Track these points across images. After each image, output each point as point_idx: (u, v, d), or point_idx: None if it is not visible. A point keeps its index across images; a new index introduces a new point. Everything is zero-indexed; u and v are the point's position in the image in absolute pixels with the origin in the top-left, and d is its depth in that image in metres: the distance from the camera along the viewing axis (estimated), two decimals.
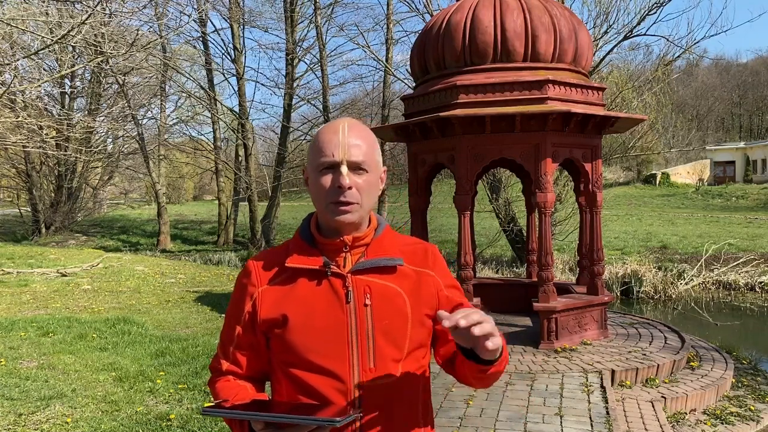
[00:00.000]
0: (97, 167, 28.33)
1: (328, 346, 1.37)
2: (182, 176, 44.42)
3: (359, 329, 1.38)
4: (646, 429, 4.63)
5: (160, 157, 26.61)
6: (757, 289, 13.15)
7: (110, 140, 28.05)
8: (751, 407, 5.55)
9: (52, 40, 11.78)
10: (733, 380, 6.22)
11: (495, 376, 1.37)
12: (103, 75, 22.88)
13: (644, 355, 6.14)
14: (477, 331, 1.17)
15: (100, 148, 26.23)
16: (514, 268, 14.78)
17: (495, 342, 1.21)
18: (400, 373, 1.40)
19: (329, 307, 1.38)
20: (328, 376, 1.36)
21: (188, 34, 24.73)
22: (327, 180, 1.36)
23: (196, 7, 21.99)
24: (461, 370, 1.43)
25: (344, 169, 1.35)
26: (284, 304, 1.39)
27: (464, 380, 1.47)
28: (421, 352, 1.45)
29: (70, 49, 16.30)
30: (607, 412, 4.65)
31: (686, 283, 13.29)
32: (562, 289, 7.18)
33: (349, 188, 1.35)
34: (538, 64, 6.44)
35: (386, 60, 21.07)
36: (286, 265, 1.42)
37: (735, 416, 5.35)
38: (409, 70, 7.96)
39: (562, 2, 11.39)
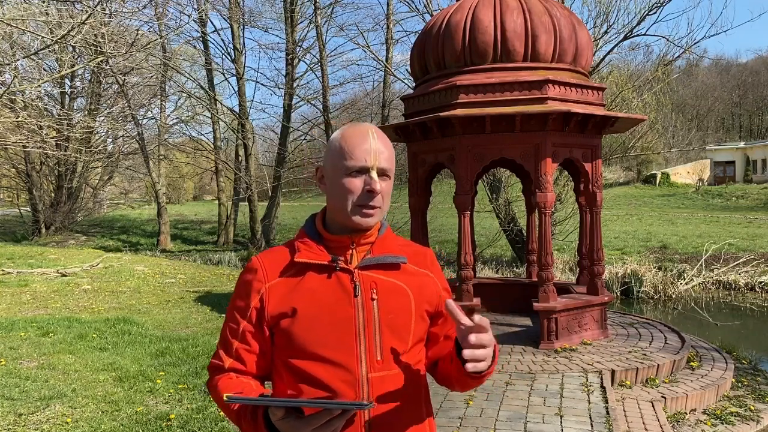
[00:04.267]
0: (97, 167, 28.33)
1: (337, 339, 1.40)
2: (182, 176, 44.43)
3: (367, 323, 1.41)
4: (646, 429, 4.63)
5: (160, 157, 26.59)
6: (757, 289, 13.14)
7: (110, 140, 28.08)
8: (751, 407, 5.55)
9: (52, 40, 11.78)
10: (733, 380, 6.21)
11: (474, 384, 1.44)
12: (103, 75, 22.87)
13: (644, 355, 6.14)
14: (467, 354, 1.28)
15: (100, 148, 26.23)
16: (514, 268, 14.78)
17: (477, 367, 1.30)
18: (404, 366, 1.45)
19: (337, 301, 1.41)
20: (337, 369, 1.39)
21: (188, 34, 24.78)
22: (356, 183, 1.40)
23: (196, 7, 22.01)
24: (446, 370, 1.50)
25: (374, 174, 1.40)
26: (293, 298, 1.42)
27: (445, 382, 1.54)
28: (420, 347, 1.52)
29: (70, 49, 16.31)
30: (607, 412, 4.65)
31: (686, 283, 13.29)
32: (562, 289, 7.18)
33: (378, 193, 1.40)
34: (537, 64, 6.45)
35: (386, 60, 21.07)
36: (294, 260, 1.45)
37: (735, 416, 5.35)
38: (409, 70, 7.96)
39: (562, 2, 11.39)
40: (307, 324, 1.40)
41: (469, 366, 1.28)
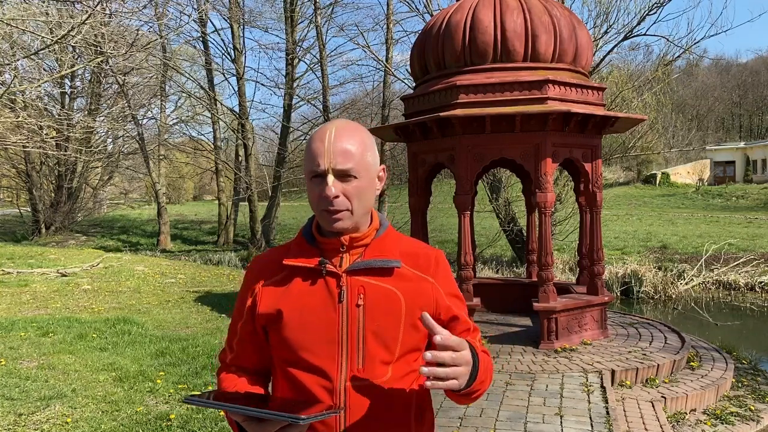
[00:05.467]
0: (97, 167, 28.33)
1: (319, 345, 1.38)
2: (182, 176, 44.45)
3: (350, 329, 1.38)
4: (646, 429, 4.63)
5: (160, 157, 26.59)
6: (757, 289, 13.15)
7: (110, 140, 28.06)
8: (751, 407, 5.55)
9: (52, 40, 11.78)
10: (733, 380, 6.22)
11: (463, 401, 1.39)
12: (103, 75, 22.88)
13: (644, 355, 6.14)
14: (425, 370, 1.20)
15: (100, 148, 26.23)
16: (514, 268, 14.78)
17: (435, 385, 1.22)
18: (389, 376, 1.39)
19: (322, 306, 1.39)
20: (316, 374, 1.38)
21: (188, 34, 24.78)
22: (316, 188, 1.38)
23: (196, 7, 22.00)
24: None
25: (330, 178, 1.34)
26: (280, 301, 1.42)
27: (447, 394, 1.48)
28: (414, 356, 1.44)
29: (70, 49, 16.30)
30: (607, 412, 4.65)
31: (686, 283, 13.29)
32: (562, 289, 7.18)
33: (336, 197, 1.34)
34: (538, 64, 6.45)
35: (386, 60, 21.07)
36: (283, 263, 1.44)
37: (735, 416, 5.35)
38: (409, 70, 7.96)
39: (562, 2, 11.39)
40: (292, 328, 1.40)
41: (427, 383, 1.22)
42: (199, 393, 1.32)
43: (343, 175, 1.35)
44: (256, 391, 1.47)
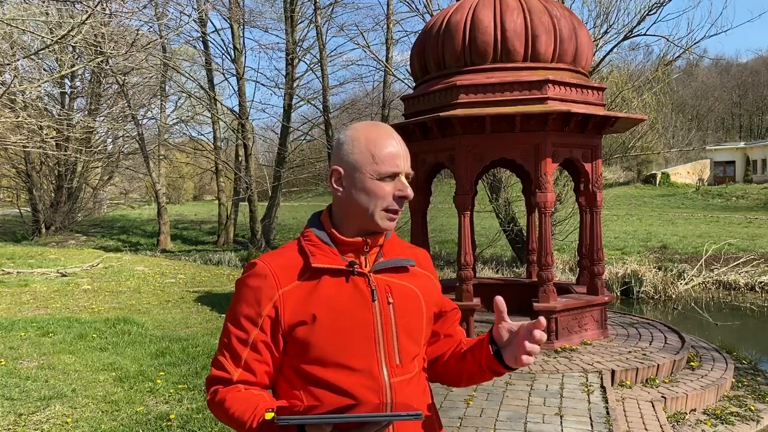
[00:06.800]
0: (97, 167, 28.34)
1: (357, 345, 1.38)
2: (182, 176, 44.45)
3: (384, 327, 1.41)
4: (646, 429, 4.63)
5: (160, 157, 26.58)
6: (757, 289, 13.14)
7: (110, 140, 28.08)
8: (751, 407, 5.55)
9: (52, 40, 11.78)
10: (733, 380, 6.21)
11: (490, 378, 1.50)
12: (103, 75, 22.86)
13: (644, 355, 6.14)
14: (529, 347, 1.36)
15: (100, 148, 26.23)
16: (514, 268, 14.78)
17: (529, 360, 1.37)
18: (417, 369, 1.47)
19: (356, 307, 1.39)
20: (359, 375, 1.37)
21: (188, 34, 24.76)
22: (386, 188, 1.40)
23: (196, 7, 22.01)
24: (460, 366, 1.52)
25: (404, 179, 1.42)
26: (310, 305, 1.37)
27: (450, 378, 1.57)
28: (425, 348, 1.54)
29: (70, 49, 16.30)
30: (607, 412, 4.65)
31: (686, 283, 13.29)
32: (562, 289, 7.18)
33: (410, 198, 1.44)
34: (538, 64, 6.45)
35: (386, 60, 21.07)
36: (312, 265, 1.39)
37: (735, 416, 5.35)
38: (409, 70, 7.96)
39: (562, 2, 11.39)
40: (327, 331, 1.36)
41: (524, 358, 1.35)
42: (273, 413, 1.22)
43: (408, 177, 1.45)
44: (281, 404, 1.38)
